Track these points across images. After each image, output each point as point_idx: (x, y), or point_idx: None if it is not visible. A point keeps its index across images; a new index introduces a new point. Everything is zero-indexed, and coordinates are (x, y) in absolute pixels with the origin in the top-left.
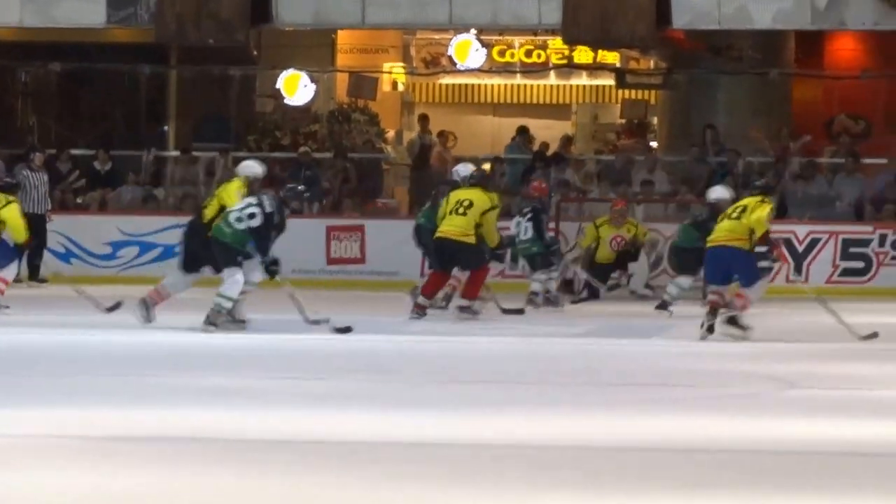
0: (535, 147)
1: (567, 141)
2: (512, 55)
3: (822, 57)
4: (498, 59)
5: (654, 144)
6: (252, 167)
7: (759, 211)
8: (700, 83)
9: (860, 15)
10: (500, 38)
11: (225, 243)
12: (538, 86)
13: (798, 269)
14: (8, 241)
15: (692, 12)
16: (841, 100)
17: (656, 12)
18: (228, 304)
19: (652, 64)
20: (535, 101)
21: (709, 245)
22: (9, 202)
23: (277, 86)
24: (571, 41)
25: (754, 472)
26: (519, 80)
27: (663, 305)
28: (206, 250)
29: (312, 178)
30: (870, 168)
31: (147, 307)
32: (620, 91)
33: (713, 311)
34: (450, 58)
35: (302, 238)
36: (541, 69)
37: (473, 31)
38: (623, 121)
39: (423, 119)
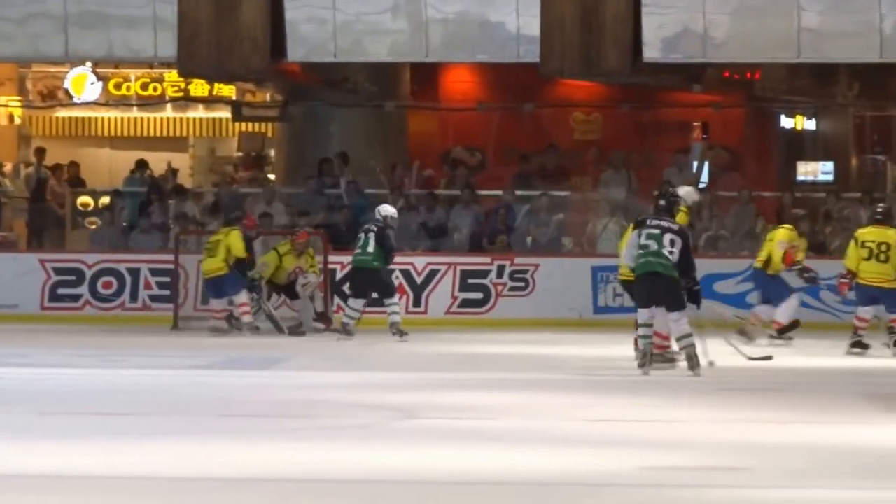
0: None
1: (173, 172)
2: (128, 88)
3: (438, 89)
4: (114, 92)
5: (271, 177)
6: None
7: None
8: (316, 115)
9: (475, 47)
10: (117, 70)
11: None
12: (155, 118)
13: (417, 301)
14: None
15: (307, 45)
16: (456, 131)
17: (271, 45)
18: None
19: (268, 96)
20: (152, 133)
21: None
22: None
23: None
24: (187, 74)
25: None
26: (135, 112)
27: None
28: None
29: None
30: (485, 199)
31: None
32: (237, 124)
33: None
34: (66, 91)
35: None
36: (157, 102)
37: (89, 64)
38: (240, 153)
39: (39, 152)
